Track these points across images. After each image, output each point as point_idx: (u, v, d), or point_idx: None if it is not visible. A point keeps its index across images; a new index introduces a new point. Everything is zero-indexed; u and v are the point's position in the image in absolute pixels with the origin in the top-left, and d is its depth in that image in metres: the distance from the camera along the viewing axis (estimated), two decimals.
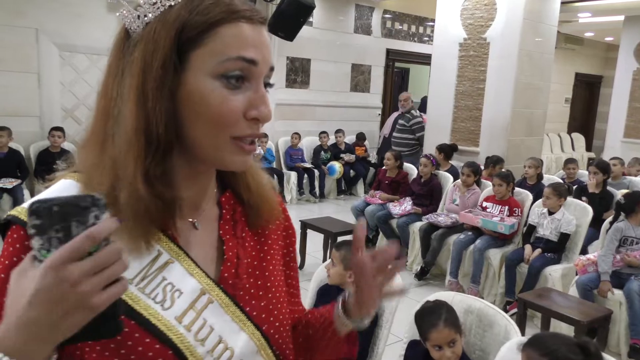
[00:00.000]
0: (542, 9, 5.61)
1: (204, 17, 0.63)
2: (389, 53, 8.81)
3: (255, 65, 0.65)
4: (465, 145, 5.96)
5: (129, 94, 0.64)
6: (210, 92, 0.64)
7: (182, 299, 0.68)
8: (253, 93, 0.66)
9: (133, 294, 0.66)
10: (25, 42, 5.34)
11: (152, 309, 0.66)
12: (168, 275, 0.68)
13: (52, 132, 5.29)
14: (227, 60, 0.63)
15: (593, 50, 12.30)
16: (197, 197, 0.74)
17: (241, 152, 0.67)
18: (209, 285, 0.71)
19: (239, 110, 0.65)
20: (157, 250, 0.69)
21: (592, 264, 3.49)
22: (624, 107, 9.13)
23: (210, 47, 0.63)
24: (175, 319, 0.67)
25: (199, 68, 0.64)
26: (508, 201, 4.22)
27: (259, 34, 0.67)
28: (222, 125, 0.65)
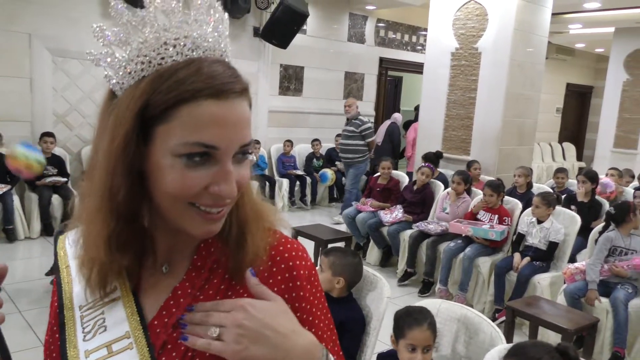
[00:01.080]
0: (533, 20, 5.69)
1: (167, 96, 0.61)
2: (382, 61, 8.86)
3: (216, 150, 0.63)
4: (456, 153, 6.00)
5: (101, 160, 0.65)
6: (169, 168, 0.62)
7: (103, 336, 0.69)
8: (217, 170, 0.64)
9: (73, 320, 0.72)
10: (18, 47, 5.33)
11: (76, 339, 0.70)
12: (107, 311, 0.71)
13: (44, 138, 5.27)
14: (186, 144, 0.62)
15: (584, 60, 12.45)
16: (173, 246, 0.73)
17: (203, 221, 0.66)
18: (135, 331, 0.69)
19: (197, 187, 0.63)
20: (114, 285, 0.72)
21: (580, 273, 3.52)
22: (613, 118, 9.24)
23: (172, 126, 0.62)
24: (85, 352, 0.69)
25: (162, 144, 0.62)
26: (498, 209, 4.25)
27: (228, 111, 0.63)
28: (181, 198, 0.64)
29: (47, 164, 5.25)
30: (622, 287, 3.34)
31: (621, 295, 3.26)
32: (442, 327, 1.94)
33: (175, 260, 0.74)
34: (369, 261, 4.98)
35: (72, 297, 0.73)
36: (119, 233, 0.66)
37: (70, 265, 0.76)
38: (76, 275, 0.74)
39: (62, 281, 0.75)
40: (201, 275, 0.72)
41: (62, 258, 0.78)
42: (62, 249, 0.80)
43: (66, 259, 0.78)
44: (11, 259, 4.61)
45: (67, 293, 0.74)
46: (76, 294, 0.73)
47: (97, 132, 0.68)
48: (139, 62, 0.63)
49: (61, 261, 0.78)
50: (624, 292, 3.30)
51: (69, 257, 0.78)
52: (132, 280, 0.72)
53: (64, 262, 0.78)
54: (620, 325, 3.21)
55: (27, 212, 5.14)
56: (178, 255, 0.74)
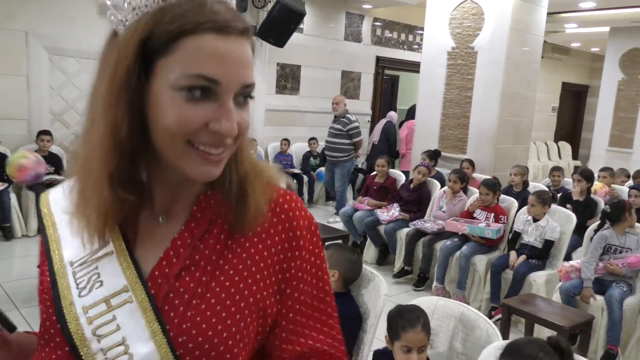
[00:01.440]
0: (529, 19, 5.71)
1: (170, 26, 0.61)
2: (379, 60, 8.88)
3: (217, 84, 0.62)
4: (453, 152, 6.03)
5: (103, 97, 0.64)
6: (169, 102, 0.62)
7: (99, 290, 0.68)
8: (218, 106, 0.63)
9: (65, 275, 0.71)
10: (14, 45, 5.32)
11: (70, 294, 0.69)
12: (101, 265, 0.70)
13: (41, 136, 5.27)
14: (187, 76, 0.61)
15: (579, 60, 12.50)
16: (170, 196, 0.73)
17: (202, 162, 0.65)
18: (134, 284, 0.68)
19: (197, 122, 0.63)
20: (108, 239, 0.70)
21: (576, 271, 3.55)
22: (609, 117, 9.30)
23: (174, 58, 0.62)
24: (82, 308, 0.68)
25: (163, 77, 0.62)
26: (494, 208, 4.28)
27: (231, 46, 0.63)
28: (180, 134, 0.63)
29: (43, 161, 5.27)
30: (617, 285, 3.37)
31: (616, 294, 3.29)
32: (439, 324, 1.96)
33: (173, 212, 0.73)
34: (366, 259, 5.00)
35: (62, 254, 0.72)
36: (122, 170, 0.65)
37: (57, 222, 0.75)
38: (65, 231, 0.73)
39: (49, 239, 0.74)
40: (201, 226, 0.72)
41: (47, 215, 0.77)
42: (45, 207, 0.78)
43: (51, 217, 0.76)
44: (8, 257, 4.61)
45: (55, 251, 0.73)
46: (65, 249, 0.72)
47: (97, 74, 0.68)
48: None
49: (46, 219, 0.77)
50: (619, 290, 3.33)
51: (54, 214, 0.76)
52: (129, 233, 0.72)
53: (49, 220, 0.76)
54: (615, 323, 3.24)
55: (24, 210, 5.13)
56: (176, 206, 0.73)
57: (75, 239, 0.71)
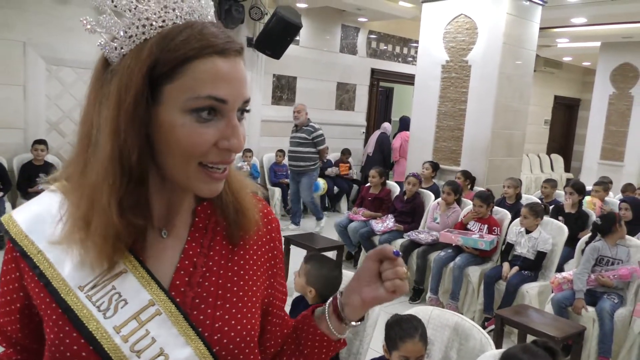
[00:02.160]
0: (522, 34, 5.81)
1: (175, 53, 0.64)
2: (374, 72, 8.97)
3: (224, 103, 0.66)
4: (446, 164, 6.09)
5: (105, 125, 0.66)
6: (180, 126, 0.65)
7: (126, 309, 0.69)
8: (225, 125, 0.67)
9: (80, 301, 0.69)
10: (12, 54, 5.35)
11: (93, 317, 0.68)
12: (118, 285, 0.70)
13: (35, 146, 5.27)
14: (197, 98, 0.65)
15: (571, 74, 12.67)
16: (169, 209, 0.76)
17: (210, 180, 0.70)
18: (158, 297, 0.71)
19: (209, 142, 0.67)
20: (115, 259, 0.70)
21: (568, 282, 3.59)
22: (600, 130, 9.42)
23: (181, 82, 0.65)
24: (114, 328, 0.68)
25: (171, 102, 0.65)
26: (488, 220, 4.32)
27: (232, 67, 0.67)
28: (191, 156, 0.67)
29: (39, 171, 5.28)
30: (609, 297, 3.42)
31: (607, 306, 3.34)
32: (434, 334, 1.99)
33: (173, 225, 0.77)
34: None
35: (65, 280, 0.70)
36: (130, 194, 0.67)
37: (43, 249, 0.71)
38: (58, 258, 0.71)
39: (41, 266, 0.70)
40: (206, 236, 0.78)
41: (25, 242, 0.72)
42: (16, 234, 0.73)
43: (33, 244, 0.72)
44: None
45: (55, 277, 0.70)
46: (67, 275, 0.70)
47: (90, 102, 0.69)
48: (140, 25, 0.65)
49: (26, 247, 0.72)
50: (610, 302, 3.38)
51: (35, 242, 0.72)
52: (136, 250, 0.72)
53: (31, 248, 0.71)
54: (606, 335, 3.28)
55: None
56: (175, 219, 0.77)
57: (71, 263, 0.70)
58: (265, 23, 6.56)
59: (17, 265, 0.73)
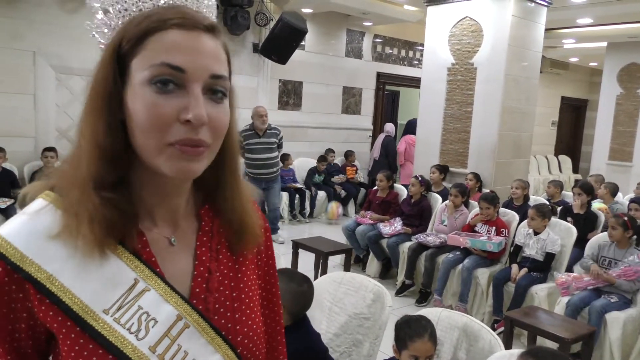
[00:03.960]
0: (527, 35, 5.81)
1: (137, 27, 0.66)
2: (380, 76, 8.99)
3: (182, 72, 0.64)
4: (454, 166, 6.09)
5: (85, 108, 0.68)
6: (141, 97, 0.64)
7: (157, 328, 0.69)
8: (186, 97, 0.65)
9: (108, 325, 0.66)
10: (22, 64, 5.43)
11: (127, 340, 0.67)
12: (144, 304, 0.69)
13: (45, 153, 5.34)
14: (152, 66, 0.64)
15: (578, 74, 12.63)
16: (172, 213, 0.75)
17: (181, 156, 0.65)
18: (185, 311, 0.71)
19: (168, 114, 0.64)
20: (134, 278, 0.69)
21: (573, 280, 3.56)
22: (608, 130, 9.37)
23: (142, 55, 0.65)
24: (149, 349, 0.68)
25: (135, 76, 0.65)
26: (495, 222, 4.32)
27: (194, 39, 0.66)
28: (155, 129, 0.64)
29: None
30: (606, 297, 3.44)
31: (598, 305, 3.37)
32: (443, 335, 2.00)
33: (180, 230, 0.77)
34: (369, 273, 5.03)
35: (86, 305, 0.66)
36: (106, 174, 0.67)
37: (53, 273, 0.66)
38: (75, 280, 0.66)
39: (56, 292, 0.66)
40: (213, 240, 0.79)
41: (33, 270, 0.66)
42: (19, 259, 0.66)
43: (41, 270, 0.66)
44: None
45: (75, 303, 0.66)
46: (89, 300, 0.66)
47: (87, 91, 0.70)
48: (120, 16, 0.69)
49: (33, 272, 0.65)
50: (605, 301, 3.40)
51: (40, 265, 0.66)
52: (150, 262, 0.71)
53: (39, 274, 0.66)
54: None
55: None
56: (180, 224, 0.77)
57: (89, 285, 0.67)
58: (271, 29, 6.61)
59: (19, 287, 0.66)
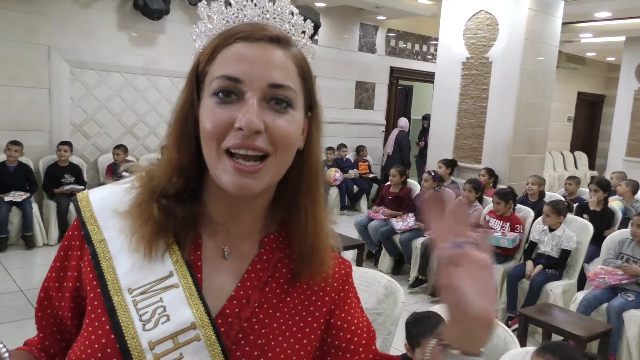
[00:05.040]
0: (543, 29, 5.72)
1: (209, 45, 0.69)
2: (393, 71, 8.93)
3: (239, 82, 0.65)
4: (467, 162, 6.03)
5: (171, 123, 0.72)
6: (206, 109, 0.67)
7: (166, 327, 0.66)
8: (242, 105, 0.66)
9: (125, 304, 0.67)
10: (37, 58, 5.47)
11: (133, 325, 0.65)
12: (166, 298, 0.67)
13: (59, 147, 5.38)
14: (214, 79, 0.67)
15: (595, 69, 12.43)
16: (233, 227, 0.74)
17: (233, 171, 0.65)
18: (203, 323, 0.67)
19: (224, 121, 0.65)
20: (170, 271, 0.69)
21: (607, 274, 3.49)
22: (625, 126, 9.22)
23: (211, 70, 0.68)
24: (148, 343, 0.65)
25: (205, 91, 0.68)
26: (510, 218, 4.27)
27: (254, 50, 0.67)
28: (213, 137, 0.66)
29: (64, 172, 5.40)
30: (623, 295, 3.38)
31: (616, 304, 3.32)
32: None
33: (238, 249, 0.74)
34: (381, 269, 5.01)
35: (117, 277, 0.68)
36: (171, 185, 0.70)
37: (107, 238, 0.71)
38: (117, 250, 0.70)
39: (99, 255, 0.70)
40: (267, 270, 0.74)
41: (93, 225, 0.72)
42: (88, 211, 0.73)
43: (100, 231, 0.71)
44: (30, 265, 4.71)
45: (109, 272, 0.69)
46: (122, 274, 0.68)
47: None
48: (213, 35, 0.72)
49: (93, 230, 0.72)
50: (622, 300, 3.35)
51: (102, 229, 0.71)
52: (194, 266, 0.71)
53: (97, 234, 0.71)
54: (612, 332, 3.21)
55: (45, 220, 5.24)
56: (241, 244, 0.75)
57: (130, 261, 0.69)
58: None
59: (81, 243, 0.72)
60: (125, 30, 5.99)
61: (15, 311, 3.60)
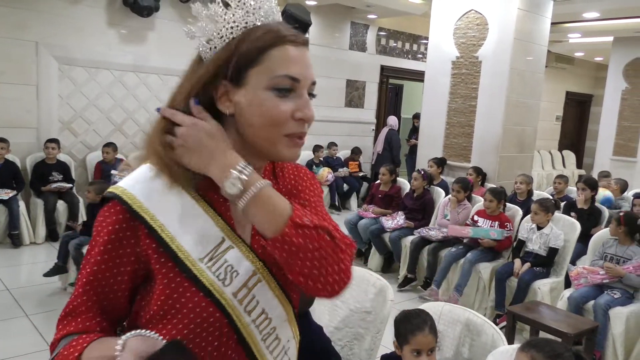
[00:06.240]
0: (533, 29, 5.76)
1: (257, 43, 0.82)
2: (383, 69, 8.95)
3: (297, 82, 0.83)
4: (457, 160, 6.06)
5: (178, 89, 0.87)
6: (264, 100, 0.82)
7: (239, 279, 0.86)
8: (298, 100, 0.84)
9: (203, 271, 0.84)
10: (25, 55, 5.40)
11: (216, 284, 0.85)
12: (228, 258, 0.86)
13: (47, 144, 5.33)
14: (276, 77, 0.82)
15: (583, 69, 12.54)
16: None
17: (294, 145, 0.86)
18: (259, 268, 0.88)
19: (287, 113, 0.83)
20: (222, 237, 0.87)
21: (589, 273, 3.53)
22: (613, 126, 9.32)
23: (263, 66, 0.82)
24: (232, 294, 0.86)
25: (256, 83, 0.82)
26: (499, 216, 4.30)
27: (301, 53, 0.85)
28: (275, 124, 0.83)
29: (52, 170, 5.35)
30: (609, 293, 3.41)
31: (602, 301, 3.35)
32: (445, 330, 1.98)
33: None
34: (370, 267, 5.02)
35: (187, 251, 0.84)
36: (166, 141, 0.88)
37: (164, 224, 0.84)
38: (178, 231, 0.85)
39: (166, 239, 0.84)
40: None
41: (148, 215, 0.84)
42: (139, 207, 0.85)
43: (155, 218, 0.84)
44: (17, 264, 4.66)
45: (179, 249, 0.84)
46: (189, 249, 0.84)
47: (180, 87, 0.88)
48: (229, 27, 0.84)
49: (150, 218, 0.84)
50: (609, 297, 3.37)
51: (156, 215, 0.84)
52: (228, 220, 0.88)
53: (154, 222, 0.84)
54: (598, 329, 3.24)
55: (33, 218, 5.19)
56: None
57: (187, 236, 0.85)
58: None
59: (133, 232, 0.84)
60: (114, 27, 5.93)
61: (0, 310, 3.56)
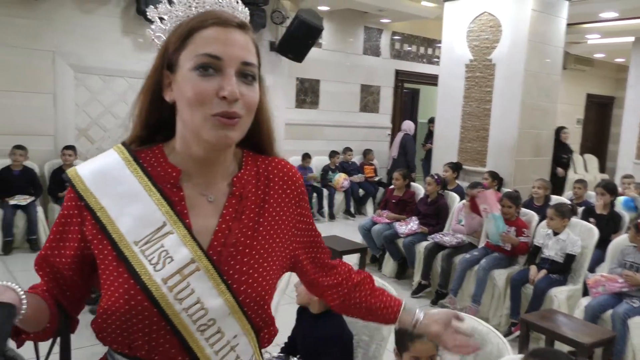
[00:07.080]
0: (548, 30, 5.66)
1: (186, 27, 0.86)
2: (398, 74, 8.89)
3: (218, 59, 0.83)
4: (472, 165, 5.98)
5: (141, 89, 0.93)
6: (188, 80, 0.83)
7: (172, 265, 0.85)
8: (222, 79, 0.83)
9: (135, 254, 0.84)
10: (41, 64, 5.51)
11: (146, 269, 0.84)
12: (165, 243, 0.86)
13: (64, 151, 5.43)
14: (196, 56, 0.83)
15: (604, 71, 12.29)
16: (210, 178, 0.93)
17: (220, 126, 0.83)
18: (198, 256, 0.86)
19: (210, 91, 0.82)
20: (163, 221, 0.87)
21: (607, 281, 3.42)
22: (635, 128, 9.08)
23: (189, 49, 0.84)
24: (162, 279, 0.84)
25: (184, 65, 0.84)
26: (516, 222, 4.20)
27: (229, 33, 0.85)
28: (200, 103, 0.82)
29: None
30: (628, 301, 3.30)
31: (620, 311, 3.23)
32: None
33: (216, 191, 0.93)
34: (385, 273, 4.97)
35: (123, 235, 0.85)
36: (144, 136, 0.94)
37: (105, 205, 0.87)
38: (116, 214, 0.87)
39: (104, 220, 0.86)
40: (240, 203, 0.94)
41: (90, 197, 0.87)
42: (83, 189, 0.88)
43: (97, 200, 0.87)
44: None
45: (115, 232, 0.86)
46: (126, 232, 0.85)
47: None
48: (173, 22, 0.89)
49: (90, 202, 0.87)
50: (628, 306, 3.26)
51: (98, 198, 0.87)
52: (182, 214, 0.88)
53: (95, 204, 0.87)
54: (616, 338, 3.13)
55: (50, 223, 5.26)
56: (215, 186, 0.93)
57: (127, 219, 0.86)
58: (287, 27, 6.59)
59: (79, 212, 0.88)
60: (128, 35, 6.01)
61: None
